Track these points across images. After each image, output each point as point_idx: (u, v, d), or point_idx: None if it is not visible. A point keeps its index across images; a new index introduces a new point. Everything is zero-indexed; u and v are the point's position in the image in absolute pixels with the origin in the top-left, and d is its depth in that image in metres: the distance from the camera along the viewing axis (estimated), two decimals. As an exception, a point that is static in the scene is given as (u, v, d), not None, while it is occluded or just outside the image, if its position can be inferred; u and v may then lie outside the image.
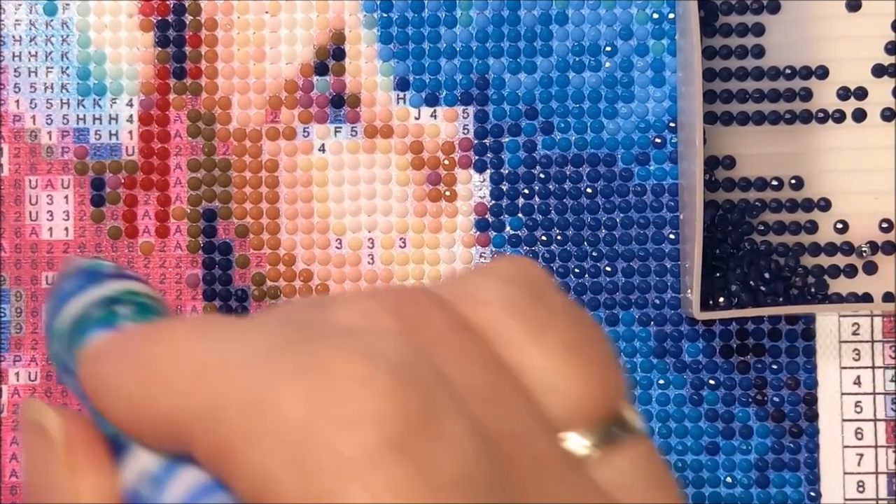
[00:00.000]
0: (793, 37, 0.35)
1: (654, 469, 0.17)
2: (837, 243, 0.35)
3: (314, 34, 0.35)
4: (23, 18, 0.35)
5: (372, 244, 0.34)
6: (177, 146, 0.35)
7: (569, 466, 0.16)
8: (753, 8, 0.35)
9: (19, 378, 0.34)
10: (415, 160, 0.35)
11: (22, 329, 0.34)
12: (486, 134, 0.35)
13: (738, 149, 0.35)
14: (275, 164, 0.34)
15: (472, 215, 0.35)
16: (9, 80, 0.35)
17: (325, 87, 0.35)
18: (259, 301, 0.34)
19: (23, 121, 0.34)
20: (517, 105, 0.35)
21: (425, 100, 0.35)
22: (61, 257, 0.34)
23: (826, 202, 0.35)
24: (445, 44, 0.35)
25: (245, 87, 0.35)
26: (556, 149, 0.35)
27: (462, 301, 0.16)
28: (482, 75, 0.35)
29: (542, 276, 0.17)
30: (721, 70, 0.35)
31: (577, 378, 0.16)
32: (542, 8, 0.35)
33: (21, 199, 0.34)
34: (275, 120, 0.35)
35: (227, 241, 0.34)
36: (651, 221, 0.35)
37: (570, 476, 0.16)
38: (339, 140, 0.35)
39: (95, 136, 0.35)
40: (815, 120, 0.35)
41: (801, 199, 0.35)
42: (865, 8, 0.35)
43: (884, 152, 0.35)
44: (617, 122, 0.35)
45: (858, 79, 0.35)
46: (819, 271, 0.35)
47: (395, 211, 0.34)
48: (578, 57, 0.35)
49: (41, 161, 0.34)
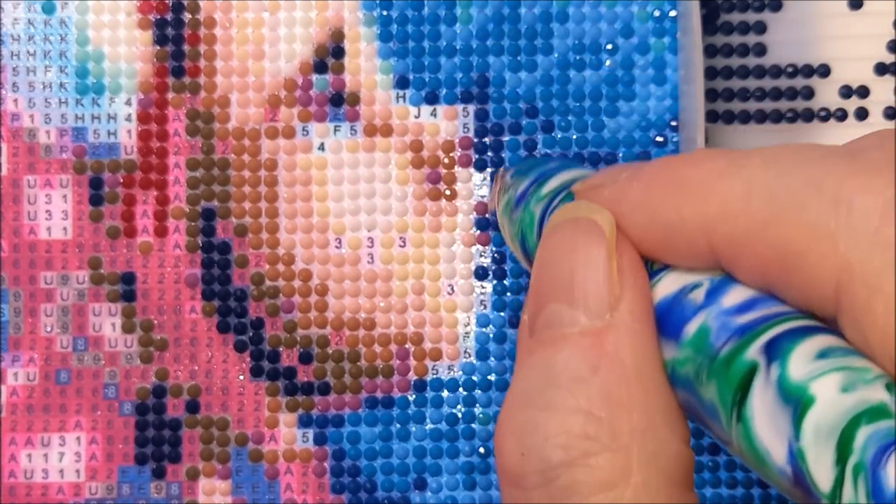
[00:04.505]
0: (795, 35, 0.35)
1: None
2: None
3: (313, 32, 0.35)
4: (21, 17, 0.35)
5: (371, 243, 0.34)
6: (175, 145, 0.34)
7: None
8: (755, 6, 0.35)
9: (18, 378, 0.34)
10: (414, 159, 0.34)
11: (21, 329, 0.34)
12: (486, 132, 0.34)
13: (740, 147, 0.35)
14: (274, 162, 0.34)
15: (473, 214, 0.34)
16: (7, 79, 0.34)
17: (324, 86, 0.34)
18: (258, 300, 0.34)
19: (21, 120, 0.34)
20: (517, 103, 0.34)
21: (425, 98, 0.34)
22: (60, 257, 0.34)
23: (828, 201, 0.35)
24: (445, 42, 0.35)
25: (244, 85, 0.34)
26: (556, 147, 0.34)
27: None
28: (482, 73, 0.35)
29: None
30: (722, 68, 0.35)
31: None
32: (542, 6, 0.34)
33: (19, 199, 0.34)
34: (274, 119, 0.34)
35: (225, 241, 0.34)
36: (652, 220, 0.35)
37: None
38: (339, 139, 0.34)
39: (94, 135, 0.34)
40: (817, 118, 0.35)
41: (803, 197, 0.35)
42: (868, 6, 0.35)
43: (886, 151, 0.35)
44: (618, 121, 0.34)
45: (861, 77, 0.35)
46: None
47: (395, 210, 0.34)
48: (579, 55, 0.35)
49: (39, 160, 0.34)
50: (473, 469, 0.34)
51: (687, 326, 0.17)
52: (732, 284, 0.17)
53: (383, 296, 0.34)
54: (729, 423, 0.16)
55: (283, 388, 0.34)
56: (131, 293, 0.34)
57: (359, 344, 0.34)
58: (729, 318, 0.16)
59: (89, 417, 0.34)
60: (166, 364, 0.34)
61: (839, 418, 0.14)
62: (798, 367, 0.15)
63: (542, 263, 0.18)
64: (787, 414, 0.15)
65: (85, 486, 0.34)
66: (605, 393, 0.17)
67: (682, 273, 0.18)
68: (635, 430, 0.16)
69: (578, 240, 0.18)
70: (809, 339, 0.15)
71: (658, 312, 0.17)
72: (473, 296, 0.34)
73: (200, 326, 0.34)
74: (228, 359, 0.34)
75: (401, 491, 0.34)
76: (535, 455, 0.17)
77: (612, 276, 0.17)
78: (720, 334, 0.16)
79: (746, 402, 0.15)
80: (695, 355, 0.17)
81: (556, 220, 0.18)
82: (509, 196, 0.26)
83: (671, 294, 0.17)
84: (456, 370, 0.34)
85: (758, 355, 0.16)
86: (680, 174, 0.17)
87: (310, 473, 0.34)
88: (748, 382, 0.16)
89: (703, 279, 0.17)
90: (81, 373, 0.34)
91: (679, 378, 0.17)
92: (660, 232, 0.17)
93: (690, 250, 0.17)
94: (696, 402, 0.17)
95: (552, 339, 0.17)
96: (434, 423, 0.34)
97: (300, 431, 0.34)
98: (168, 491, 0.34)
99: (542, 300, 0.18)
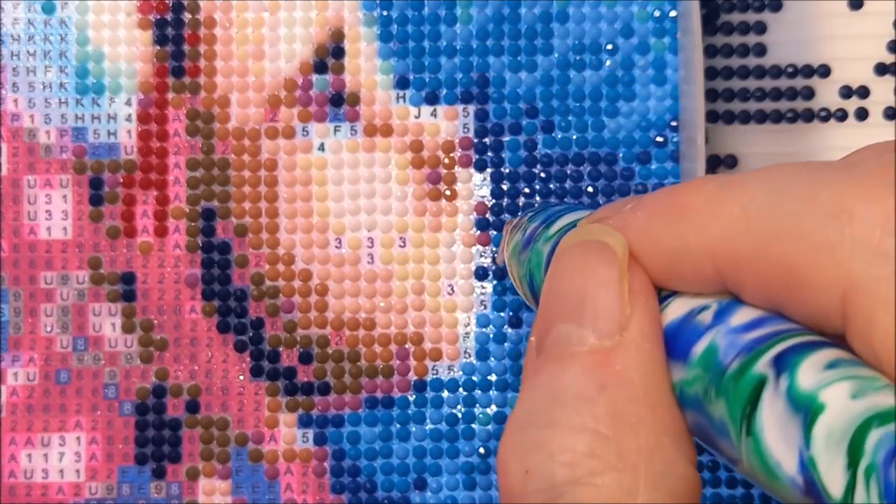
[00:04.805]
0: (795, 35, 0.35)
1: None
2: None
3: (313, 32, 0.35)
4: (21, 17, 0.35)
5: (371, 243, 0.34)
6: (175, 145, 0.34)
7: None
8: (755, 6, 0.35)
9: (18, 378, 0.34)
10: (415, 159, 0.34)
11: (21, 329, 0.34)
12: (486, 132, 0.34)
13: (740, 148, 0.35)
14: (274, 162, 0.34)
15: (473, 214, 0.34)
16: (7, 80, 0.34)
17: (324, 86, 0.34)
18: (258, 300, 0.34)
19: (21, 120, 0.34)
20: (518, 103, 0.34)
21: (425, 98, 0.34)
22: (60, 257, 0.34)
23: (828, 201, 0.35)
24: (445, 42, 0.35)
25: (244, 85, 0.34)
26: (556, 147, 0.34)
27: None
28: (482, 74, 0.35)
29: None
30: (722, 68, 0.35)
31: None
32: (542, 6, 0.34)
33: (19, 199, 0.34)
34: (274, 119, 0.34)
35: (225, 241, 0.34)
36: (652, 221, 0.35)
37: None
38: (339, 139, 0.34)
39: (94, 136, 0.34)
40: (817, 119, 0.35)
41: (803, 198, 0.35)
42: (868, 6, 0.35)
43: (886, 151, 0.35)
44: (618, 121, 0.34)
45: (861, 77, 0.35)
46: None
47: (395, 210, 0.34)
48: (579, 55, 0.35)
49: (39, 160, 0.34)
50: (473, 469, 0.34)
51: (695, 347, 0.17)
52: (740, 305, 0.17)
53: (383, 296, 0.34)
54: (738, 438, 0.16)
55: (283, 388, 0.34)
56: (131, 293, 0.34)
57: (359, 344, 0.34)
58: (737, 336, 0.16)
59: (89, 417, 0.34)
60: (166, 364, 0.34)
61: (849, 423, 0.14)
62: (807, 377, 0.15)
63: (551, 284, 0.18)
64: (797, 423, 0.15)
65: (85, 486, 0.34)
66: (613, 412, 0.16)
67: (689, 298, 0.18)
68: (642, 449, 0.16)
69: (589, 260, 0.18)
70: (818, 352, 0.15)
71: (666, 335, 0.17)
72: (473, 296, 0.34)
73: (200, 326, 0.34)
74: (228, 359, 0.34)
75: (401, 491, 0.34)
76: (539, 473, 0.17)
77: (623, 296, 0.17)
78: (728, 351, 0.16)
79: (755, 415, 0.15)
80: (703, 374, 0.16)
81: (567, 244, 0.18)
82: (517, 239, 0.26)
83: (679, 317, 0.17)
84: (456, 370, 0.34)
85: (766, 368, 0.16)
86: (680, 201, 0.17)
87: (310, 473, 0.34)
88: (757, 396, 0.16)
89: (711, 302, 0.17)
90: (81, 373, 0.34)
91: (688, 398, 0.17)
92: (665, 258, 0.17)
93: (696, 275, 0.17)
94: (706, 421, 0.17)
95: (559, 358, 0.17)
96: (434, 424, 0.34)
97: (300, 431, 0.34)
98: (168, 491, 0.34)
99: (551, 320, 0.18)
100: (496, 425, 0.34)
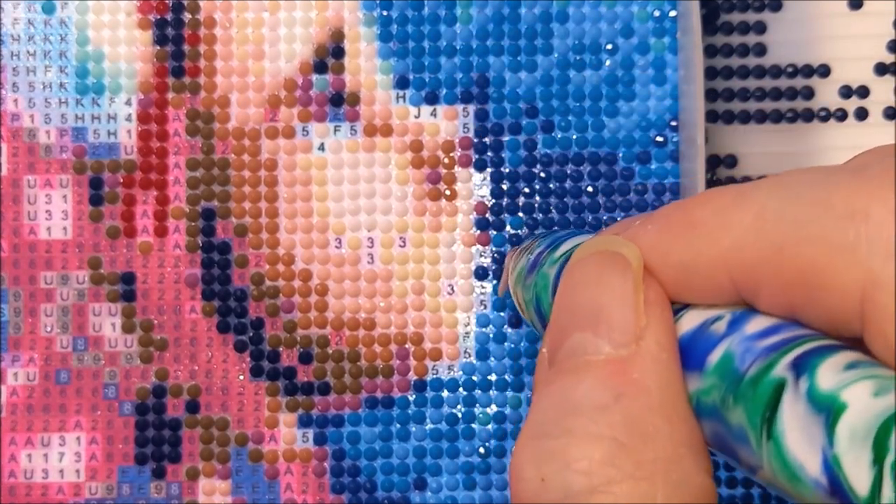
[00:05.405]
0: (794, 35, 0.35)
1: None
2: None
3: (313, 32, 0.35)
4: (21, 17, 0.35)
5: (371, 243, 0.34)
6: (175, 145, 0.34)
7: None
8: (755, 6, 0.35)
9: (18, 378, 0.34)
10: (414, 159, 0.34)
11: (21, 329, 0.34)
12: (486, 132, 0.34)
13: (740, 147, 0.35)
14: (274, 162, 0.34)
15: (473, 214, 0.34)
16: (7, 79, 0.34)
17: (324, 86, 0.34)
18: (258, 301, 0.34)
19: (21, 120, 0.34)
20: (517, 103, 0.34)
21: (425, 98, 0.34)
22: (60, 257, 0.34)
23: (828, 201, 0.35)
24: (445, 42, 0.35)
25: (244, 85, 0.34)
26: (556, 147, 0.34)
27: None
28: (482, 73, 0.35)
29: None
30: (722, 68, 0.35)
31: None
32: (542, 6, 0.34)
33: (19, 199, 0.34)
34: (274, 119, 0.34)
35: (225, 241, 0.34)
36: (652, 220, 0.35)
37: None
38: (339, 139, 0.34)
39: (94, 136, 0.34)
40: (817, 118, 0.35)
41: (803, 197, 0.35)
42: (868, 6, 0.35)
43: (886, 151, 0.35)
44: (618, 121, 0.34)
45: (861, 77, 0.35)
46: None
47: (395, 210, 0.34)
48: (579, 55, 0.35)
49: (39, 160, 0.34)
50: (473, 469, 0.34)
51: (710, 356, 0.17)
52: (754, 314, 0.17)
53: (383, 296, 0.34)
54: (759, 444, 0.16)
55: (283, 388, 0.34)
56: (131, 293, 0.34)
57: (359, 344, 0.34)
58: (753, 343, 0.16)
59: (89, 417, 0.34)
60: (166, 364, 0.34)
61: (873, 420, 0.14)
62: (827, 377, 0.15)
63: (565, 296, 0.18)
64: (819, 423, 0.15)
65: (85, 486, 0.34)
66: (629, 421, 0.16)
67: (702, 309, 0.18)
68: (659, 458, 0.16)
69: (605, 271, 0.17)
70: (836, 355, 0.15)
71: (681, 346, 0.17)
72: (473, 296, 0.34)
73: (200, 326, 0.34)
74: (228, 359, 0.34)
75: (401, 491, 0.34)
76: (555, 481, 0.16)
77: (639, 307, 0.17)
78: (745, 357, 0.16)
79: (776, 418, 0.15)
80: (720, 382, 0.16)
81: (581, 255, 0.18)
82: (521, 265, 0.26)
83: (693, 328, 0.17)
84: (456, 370, 0.34)
85: (785, 371, 0.15)
86: (690, 214, 0.17)
87: (310, 473, 0.34)
88: (777, 399, 0.15)
89: (725, 312, 0.17)
90: (81, 373, 0.34)
91: (704, 408, 0.17)
92: (676, 272, 0.17)
93: (710, 287, 0.17)
94: (724, 429, 0.16)
95: (574, 368, 0.17)
96: (434, 423, 0.34)
97: (300, 431, 0.34)
98: (168, 491, 0.34)
99: (565, 331, 0.17)
100: (496, 425, 0.34)
